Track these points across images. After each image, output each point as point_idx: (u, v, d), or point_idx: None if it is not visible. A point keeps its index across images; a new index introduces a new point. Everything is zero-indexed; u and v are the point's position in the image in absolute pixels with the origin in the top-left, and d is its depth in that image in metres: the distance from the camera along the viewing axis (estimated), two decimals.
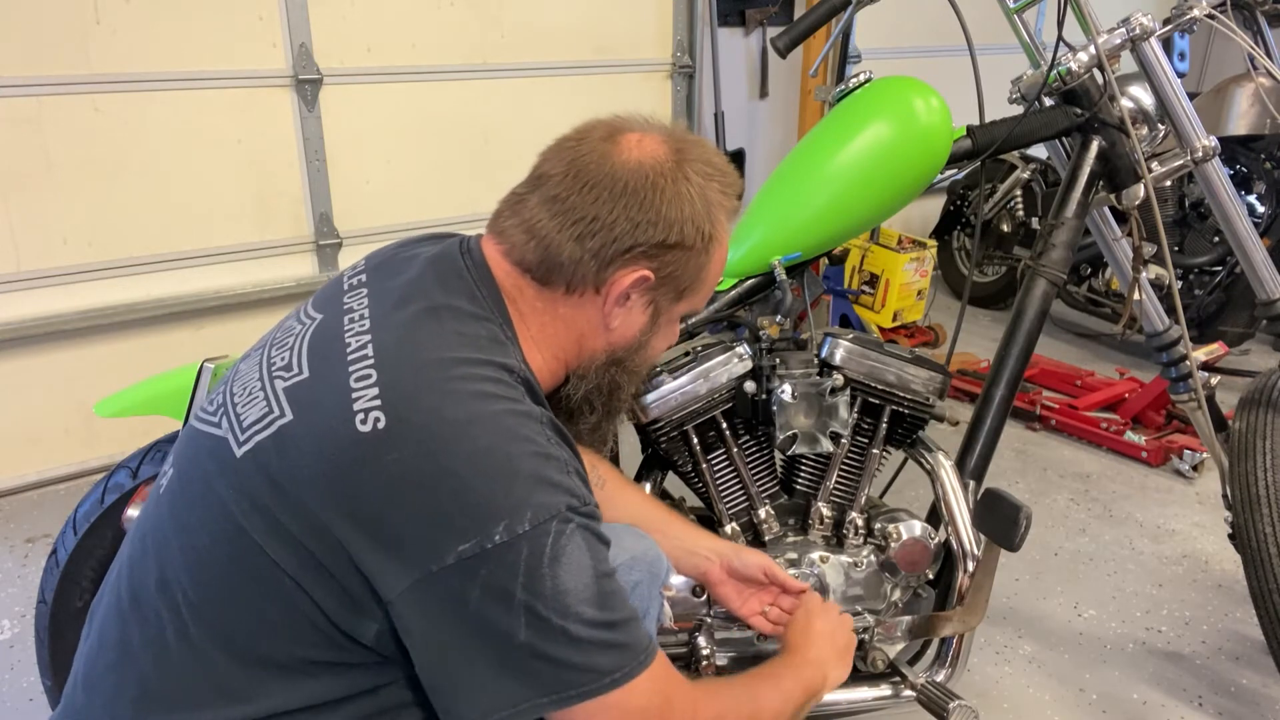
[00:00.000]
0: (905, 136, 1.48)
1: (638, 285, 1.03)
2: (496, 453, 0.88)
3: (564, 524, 0.89)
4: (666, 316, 1.10)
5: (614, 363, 1.09)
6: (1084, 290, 3.64)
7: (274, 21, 2.73)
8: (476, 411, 0.90)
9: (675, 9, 3.51)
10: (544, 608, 0.87)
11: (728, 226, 1.08)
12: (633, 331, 1.08)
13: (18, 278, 2.51)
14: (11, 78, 2.39)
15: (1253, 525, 1.69)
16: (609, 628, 0.91)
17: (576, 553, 0.89)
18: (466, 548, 0.85)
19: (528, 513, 0.87)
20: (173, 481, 1.02)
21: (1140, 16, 1.56)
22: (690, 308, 1.11)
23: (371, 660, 0.93)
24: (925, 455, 1.55)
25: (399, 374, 0.91)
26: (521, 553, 0.86)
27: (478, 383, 0.92)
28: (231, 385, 1.02)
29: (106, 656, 0.96)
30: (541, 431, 0.93)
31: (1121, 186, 1.60)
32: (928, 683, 1.50)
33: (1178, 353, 1.79)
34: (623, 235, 1.00)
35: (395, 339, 0.94)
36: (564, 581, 0.88)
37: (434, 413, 0.89)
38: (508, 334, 1.00)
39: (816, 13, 1.62)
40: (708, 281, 1.09)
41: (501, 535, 0.86)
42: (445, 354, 0.93)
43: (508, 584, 0.86)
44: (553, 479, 0.90)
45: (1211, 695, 1.91)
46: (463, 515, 0.86)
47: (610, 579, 0.94)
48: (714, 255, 1.07)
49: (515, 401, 0.93)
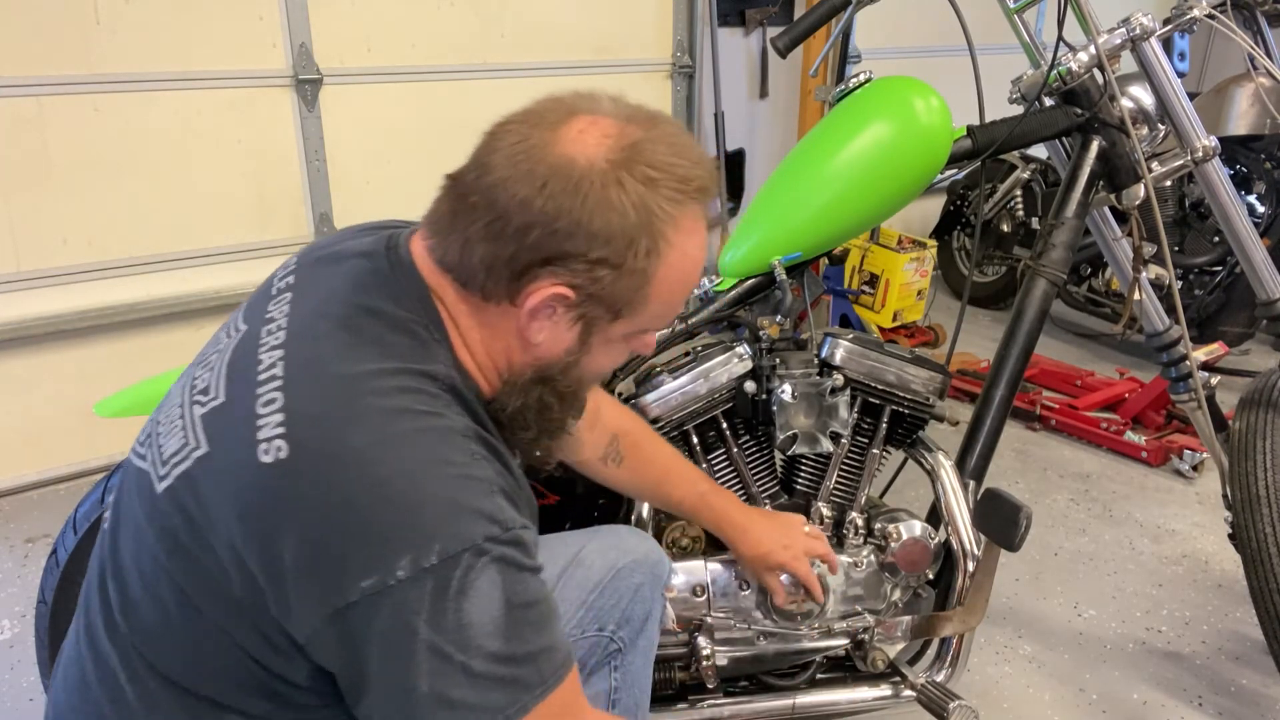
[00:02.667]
0: (905, 136, 1.48)
1: (556, 301, 0.89)
2: (403, 479, 0.81)
3: (477, 556, 0.81)
4: (602, 337, 0.95)
5: (540, 381, 0.96)
6: (1084, 290, 3.64)
7: (274, 21, 2.73)
8: (385, 433, 0.82)
9: (675, 9, 3.51)
10: (445, 642, 0.80)
11: (690, 230, 0.92)
12: (558, 350, 0.94)
13: (18, 278, 2.51)
14: (11, 78, 2.39)
15: (1253, 525, 1.69)
16: (509, 662, 0.83)
17: (487, 586, 0.81)
18: (369, 584, 0.79)
19: (435, 545, 0.80)
20: (111, 520, 0.97)
21: (1140, 16, 1.56)
22: (637, 328, 0.96)
23: (314, 702, 0.89)
24: (925, 455, 1.54)
25: (305, 395, 0.85)
26: (426, 588, 0.79)
27: (391, 397, 0.84)
28: (159, 411, 0.97)
29: (71, 699, 0.95)
30: (463, 448, 0.85)
31: (1121, 186, 1.60)
32: (928, 683, 1.50)
33: (1178, 353, 1.79)
34: (538, 244, 0.86)
35: (306, 355, 0.88)
36: (469, 614, 0.81)
37: (337, 438, 0.82)
38: (436, 335, 0.91)
39: (816, 13, 1.62)
40: (656, 300, 0.93)
41: (405, 570, 0.79)
42: (357, 368, 0.85)
43: (411, 620, 0.79)
44: (469, 505, 0.82)
45: (1211, 695, 1.91)
46: (366, 549, 0.79)
47: (529, 609, 0.85)
48: (655, 273, 0.90)
49: (434, 416, 0.85)
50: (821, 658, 1.56)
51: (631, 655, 1.29)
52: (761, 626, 1.48)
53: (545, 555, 1.27)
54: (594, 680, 1.28)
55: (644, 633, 1.29)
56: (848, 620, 1.50)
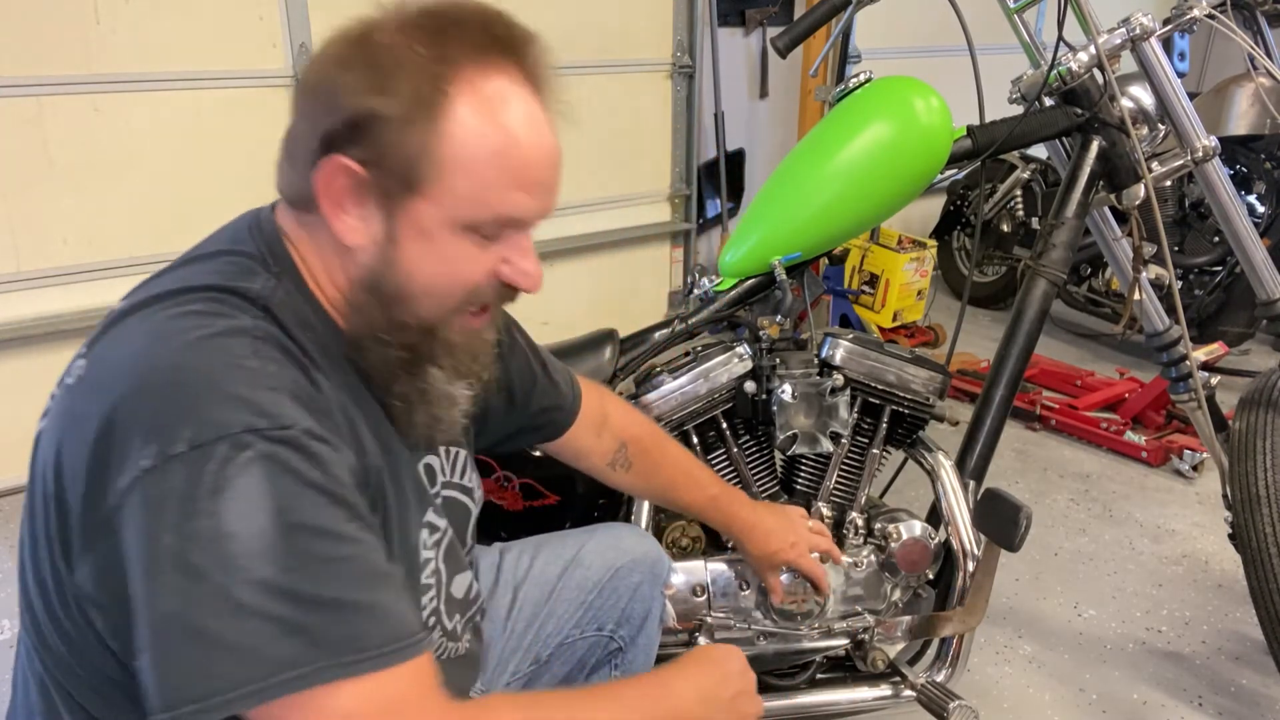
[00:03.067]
0: (905, 136, 1.48)
1: (347, 180, 0.80)
2: (167, 367, 0.74)
3: (237, 448, 0.70)
4: (411, 223, 0.82)
5: (369, 291, 0.85)
6: (1084, 290, 3.64)
7: (274, 21, 2.73)
8: (161, 332, 0.77)
9: (675, 9, 3.51)
10: (198, 553, 0.68)
11: (489, 87, 0.80)
12: (374, 246, 0.83)
13: (18, 278, 2.51)
14: (11, 78, 2.39)
15: (1253, 525, 1.69)
16: (291, 600, 0.69)
17: (253, 487, 0.70)
18: (123, 481, 0.70)
19: (185, 431, 0.70)
20: None
21: (1140, 16, 1.56)
22: (449, 212, 0.82)
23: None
24: (925, 455, 1.55)
25: (111, 323, 0.83)
26: (174, 480, 0.69)
27: (183, 306, 0.79)
28: None
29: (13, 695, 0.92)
30: (249, 345, 0.76)
31: (1121, 186, 1.60)
32: (928, 683, 1.50)
33: (1178, 353, 1.79)
34: (317, 119, 0.80)
35: (133, 289, 0.86)
36: (228, 523, 0.69)
37: (118, 346, 0.79)
38: (273, 268, 0.85)
39: (816, 13, 1.62)
40: (454, 167, 0.80)
41: (153, 459, 0.70)
42: (160, 290, 0.82)
43: (157, 520, 0.69)
44: (230, 390, 0.72)
45: (1211, 695, 1.91)
46: (123, 443, 0.71)
47: (318, 536, 0.72)
48: (442, 126, 0.79)
49: (221, 317, 0.78)
50: (821, 658, 1.56)
51: (632, 654, 1.29)
52: (761, 626, 1.48)
53: (545, 555, 1.28)
54: (595, 679, 1.29)
55: (644, 631, 1.29)
56: (848, 620, 1.50)
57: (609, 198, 3.54)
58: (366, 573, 0.75)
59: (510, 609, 1.25)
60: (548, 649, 1.25)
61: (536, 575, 1.27)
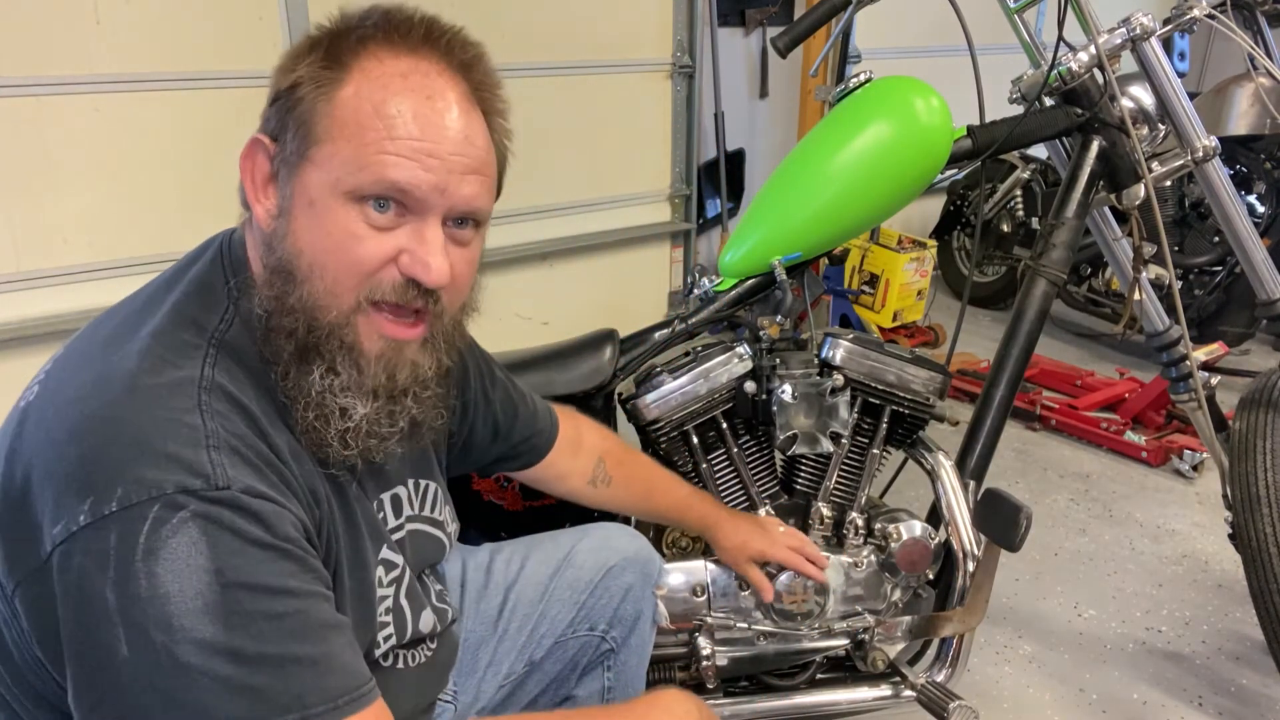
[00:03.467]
0: (905, 136, 1.47)
1: (262, 156, 0.83)
2: (102, 420, 0.73)
3: (169, 509, 0.70)
4: (300, 189, 0.81)
5: (269, 270, 0.83)
6: (1084, 290, 3.64)
7: (274, 21, 2.73)
8: (103, 377, 0.76)
9: (675, 9, 3.51)
10: (140, 616, 0.69)
11: (399, 67, 0.81)
12: (270, 219, 0.83)
13: (18, 278, 2.51)
14: (11, 78, 2.39)
15: (1253, 525, 1.69)
16: (235, 660, 0.70)
17: (186, 549, 0.70)
18: (58, 531, 0.70)
19: (118, 489, 0.70)
20: None
21: (1140, 16, 1.56)
22: (331, 175, 0.80)
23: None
24: (925, 455, 1.55)
25: (73, 345, 0.82)
26: (109, 539, 0.69)
27: (133, 343, 0.78)
28: None
29: None
30: (188, 395, 0.76)
31: (1122, 186, 1.60)
32: (928, 683, 1.50)
33: (1178, 353, 1.79)
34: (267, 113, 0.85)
35: (87, 328, 0.85)
36: (164, 584, 0.69)
37: (66, 381, 0.78)
38: (233, 294, 0.84)
39: (816, 13, 1.62)
40: (341, 129, 0.79)
41: (86, 515, 0.70)
42: (121, 322, 0.82)
43: (97, 581, 0.69)
44: (168, 451, 0.72)
45: (1211, 695, 1.91)
46: (56, 493, 0.72)
47: (260, 594, 0.72)
48: (339, 93, 0.80)
49: (168, 365, 0.77)
50: (821, 658, 1.56)
51: (625, 655, 1.29)
52: (761, 626, 1.48)
53: (537, 556, 1.28)
54: (587, 680, 1.29)
55: (636, 632, 1.29)
56: (848, 620, 1.50)
57: (609, 198, 3.54)
58: (313, 625, 0.75)
59: (501, 610, 1.25)
60: (541, 650, 1.26)
61: (528, 576, 1.27)
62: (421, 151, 0.80)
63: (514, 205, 3.19)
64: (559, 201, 3.36)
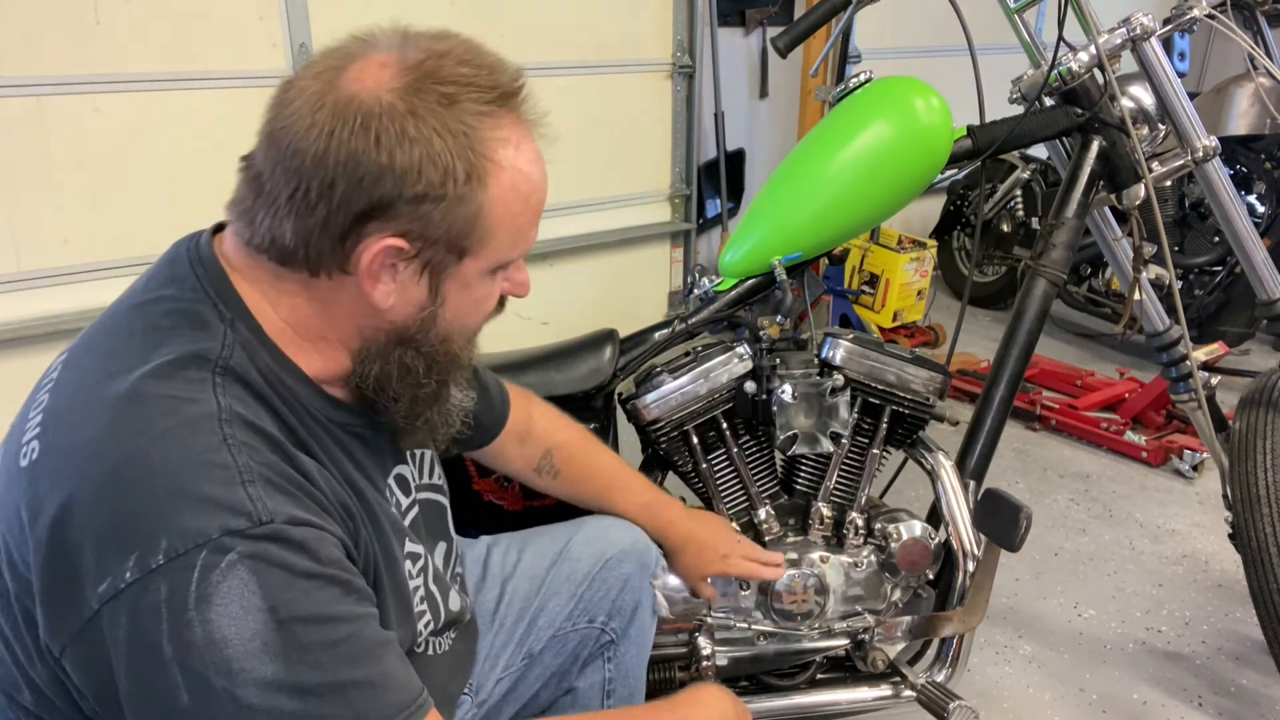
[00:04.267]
0: (905, 136, 1.47)
1: (392, 255, 0.81)
2: (131, 469, 0.72)
3: (217, 554, 0.70)
4: (456, 282, 0.86)
5: (401, 344, 0.88)
6: (1084, 290, 3.64)
7: (274, 21, 2.73)
8: (118, 421, 0.75)
9: (675, 9, 3.51)
10: (199, 664, 0.69)
11: (513, 141, 0.83)
12: (411, 308, 0.85)
13: (18, 278, 2.51)
14: (11, 78, 2.39)
15: (1253, 525, 1.69)
16: (298, 694, 0.71)
17: (238, 590, 0.70)
18: (104, 589, 0.70)
19: (162, 542, 0.70)
20: None
21: (1140, 16, 1.56)
22: (492, 263, 0.87)
23: None
24: (925, 455, 1.55)
25: (61, 394, 0.80)
26: (159, 593, 0.69)
27: (137, 383, 0.76)
28: None
29: None
30: (212, 432, 0.75)
31: (1122, 186, 1.60)
32: (928, 683, 1.50)
33: (1178, 353, 1.79)
34: (347, 199, 0.78)
35: (76, 357, 0.84)
36: (220, 629, 0.70)
37: (72, 433, 0.76)
38: (228, 314, 0.83)
39: (816, 13, 1.62)
40: (500, 228, 0.84)
41: (134, 572, 0.70)
42: (110, 360, 0.79)
43: (152, 634, 0.69)
44: (207, 493, 0.72)
45: (1211, 695, 1.91)
46: (97, 551, 0.71)
47: (314, 625, 0.73)
48: (488, 192, 0.81)
49: (181, 401, 0.76)
50: (821, 658, 1.56)
51: (624, 645, 1.29)
52: (761, 626, 1.49)
53: (533, 549, 1.28)
54: (588, 672, 1.29)
55: (635, 622, 1.29)
56: (848, 620, 1.51)
57: (609, 198, 3.54)
58: (367, 647, 0.77)
59: (498, 603, 1.26)
60: (539, 642, 1.26)
61: (525, 569, 1.27)
62: (540, 215, 0.90)
63: None
64: (559, 201, 3.36)
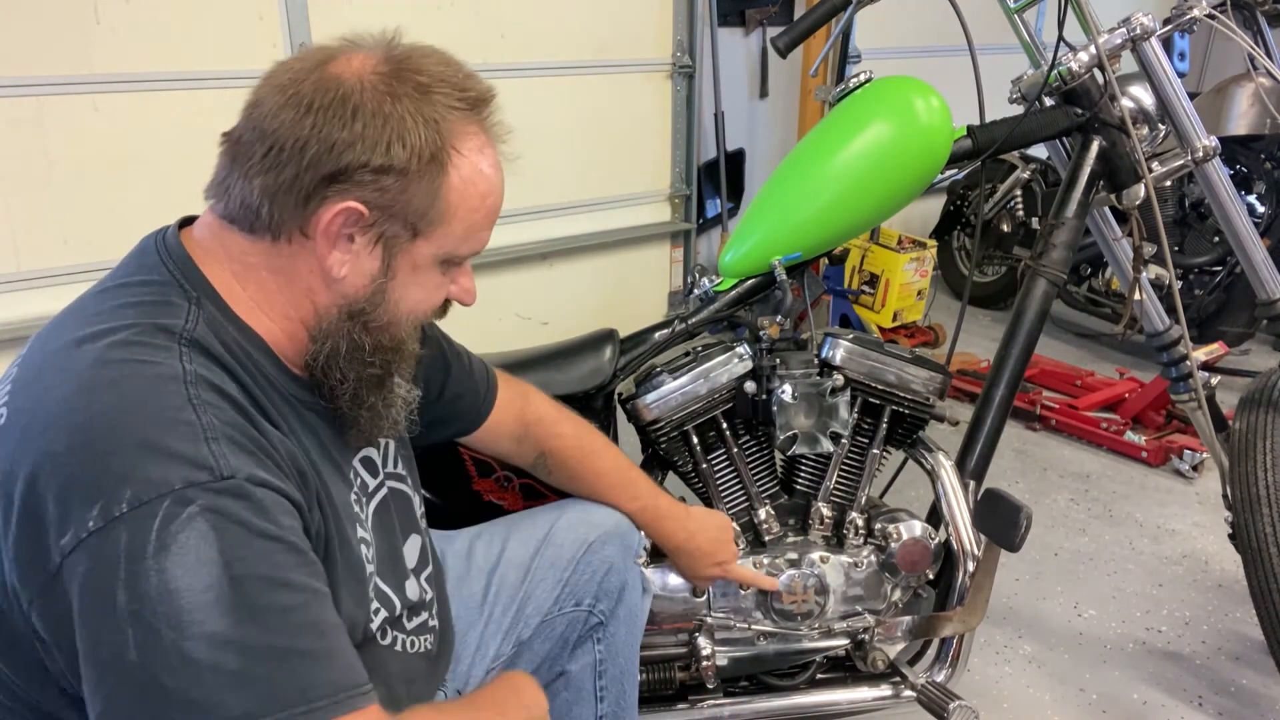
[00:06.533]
0: (905, 136, 1.48)
1: (350, 222, 0.85)
2: (98, 424, 0.75)
3: (179, 505, 0.72)
4: (407, 260, 0.90)
5: (351, 318, 0.90)
6: (1084, 290, 3.64)
7: (274, 21, 2.73)
8: (86, 382, 0.77)
9: (675, 9, 3.51)
10: (150, 614, 0.70)
11: (477, 144, 0.90)
12: (364, 280, 0.89)
13: (18, 278, 2.51)
14: (11, 78, 2.39)
15: (1253, 525, 1.69)
16: (245, 652, 0.72)
17: (195, 542, 0.72)
18: (66, 540, 0.72)
19: (126, 491, 0.72)
20: None
21: (1140, 16, 1.56)
22: (442, 250, 0.91)
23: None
24: (925, 455, 1.55)
25: (27, 364, 0.84)
26: (120, 541, 0.71)
27: (104, 351, 0.79)
28: None
29: None
30: (179, 393, 0.78)
31: (1122, 186, 1.60)
32: (928, 683, 1.50)
33: (1178, 353, 1.79)
34: (316, 160, 0.83)
35: (43, 334, 0.87)
36: (174, 579, 0.71)
37: (41, 395, 0.79)
38: (191, 295, 0.86)
39: (816, 13, 1.62)
40: (455, 219, 0.89)
41: (96, 520, 0.71)
42: (78, 332, 0.82)
43: (109, 582, 0.71)
44: (171, 448, 0.74)
45: (1211, 695, 1.91)
46: (63, 503, 0.73)
47: (269, 586, 0.74)
48: (448, 179, 0.87)
49: (148, 364, 0.79)
50: (821, 658, 1.56)
51: (614, 626, 1.30)
52: (761, 626, 1.49)
53: (516, 537, 1.29)
54: (579, 654, 1.30)
55: (623, 603, 1.29)
56: (848, 620, 1.51)
57: (609, 198, 3.54)
58: (316, 621, 0.78)
59: (485, 594, 1.26)
60: (529, 629, 1.26)
61: (510, 558, 1.28)
62: (494, 220, 0.95)
63: (514, 205, 3.18)
64: (559, 201, 3.36)
